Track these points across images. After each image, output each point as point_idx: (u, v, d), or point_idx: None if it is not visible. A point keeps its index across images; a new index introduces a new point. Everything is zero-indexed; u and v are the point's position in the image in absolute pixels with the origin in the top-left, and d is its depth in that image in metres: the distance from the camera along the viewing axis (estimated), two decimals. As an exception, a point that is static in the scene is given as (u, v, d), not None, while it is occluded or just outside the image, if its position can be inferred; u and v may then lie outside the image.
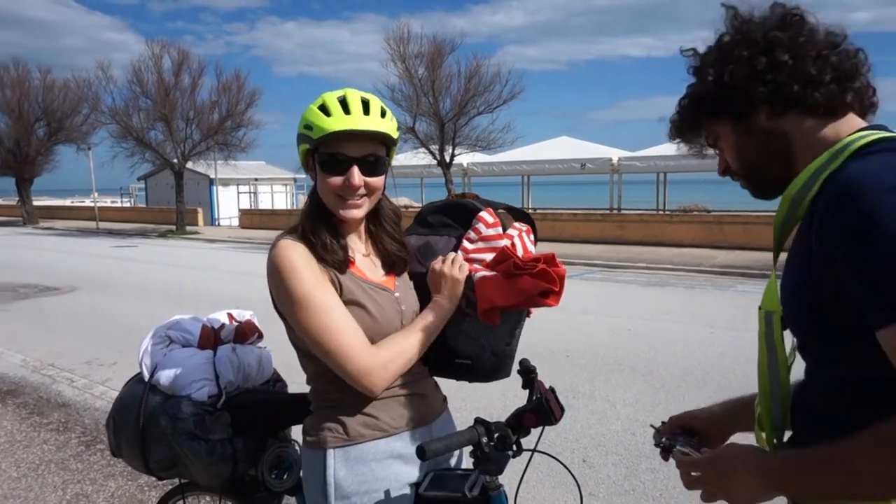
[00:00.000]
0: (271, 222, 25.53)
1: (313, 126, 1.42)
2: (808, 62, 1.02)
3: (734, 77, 1.05)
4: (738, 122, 1.09)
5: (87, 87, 27.40)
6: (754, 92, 1.04)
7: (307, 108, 1.48)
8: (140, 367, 1.88)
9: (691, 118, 1.16)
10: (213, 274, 13.15)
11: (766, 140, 1.08)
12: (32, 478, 3.84)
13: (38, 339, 7.39)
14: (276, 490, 1.89)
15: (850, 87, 1.04)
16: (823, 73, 1.02)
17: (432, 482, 1.57)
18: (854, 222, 0.89)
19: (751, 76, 1.04)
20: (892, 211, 0.86)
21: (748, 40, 1.05)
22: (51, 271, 13.40)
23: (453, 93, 21.25)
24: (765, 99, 1.05)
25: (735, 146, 1.13)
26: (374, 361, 1.44)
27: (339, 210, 1.48)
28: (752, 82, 1.04)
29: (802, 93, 1.02)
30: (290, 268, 1.43)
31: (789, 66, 1.02)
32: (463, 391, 2.55)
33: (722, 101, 1.08)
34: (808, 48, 1.03)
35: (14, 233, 26.54)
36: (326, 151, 1.44)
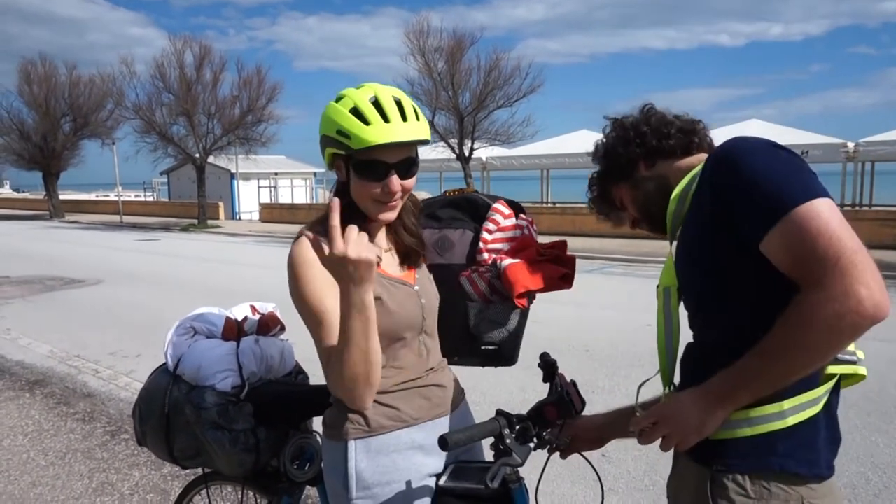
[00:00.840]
0: (291, 216, 25.71)
1: (351, 135, 1.37)
2: (660, 126, 1.44)
3: (616, 147, 1.48)
4: (628, 180, 1.48)
5: (112, 83, 27.74)
6: (631, 153, 1.45)
7: (333, 108, 1.42)
8: (165, 358, 1.91)
9: (601, 192, 1.57)
10: (235, 267, 13.28)
11: (650, 184, 1.44)
12: (59, 466, 3.92)
13: (65, 331, 7.53)
14: (297, 481, 1.91)
15: (692, 135, 1.44)
16: (670, 128, 1.43)
17: (453, 474, 1.57)
18: (735, 170, 1.15)
19: (626, 144, 1.46)
20: (761, 154, 1.15)
21: (623, 127, 1.49)
22: (76, 264, 13.63)
23: (473, 86, 21.20)
24: (639, 156, 1.45)
25: (632, 199, 1.49)
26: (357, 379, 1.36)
27: (377, 214, 1.48)
28: (627, 148, 1.46)
29: (661, 144, 1.43)
30: (303, 264, 1.42)
31: (648, 132, 1.44)
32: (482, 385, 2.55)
33: (613, 169, 1.50)
34: (658, 121, 1.46)
35: (41, 226, 27.03)
36: (364, 159, 1.41)
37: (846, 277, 1.00)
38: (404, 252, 1.60)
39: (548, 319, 6.76)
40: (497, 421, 1.37)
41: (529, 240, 1.65)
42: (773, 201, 1.08)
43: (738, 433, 1.19)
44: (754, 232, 1.10)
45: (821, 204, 1.05)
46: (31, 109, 30.98)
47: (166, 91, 25.01)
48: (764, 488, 1.18)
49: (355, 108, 1.38)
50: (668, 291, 1.34)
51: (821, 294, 1.02)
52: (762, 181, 1.10)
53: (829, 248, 1.02)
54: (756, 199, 1.10)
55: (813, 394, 1.17)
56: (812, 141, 17.97)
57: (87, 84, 30.67)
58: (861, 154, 17.57)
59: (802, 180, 1.09)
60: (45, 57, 31.68)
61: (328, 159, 1.50)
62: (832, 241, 1.02)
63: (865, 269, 1.01)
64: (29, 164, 31.69)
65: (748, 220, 1.11)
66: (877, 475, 3.52)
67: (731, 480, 1.20)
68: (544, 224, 17.50)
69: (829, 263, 1.01)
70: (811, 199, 1.06)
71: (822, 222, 1.04)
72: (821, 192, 1.07)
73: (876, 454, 3.76)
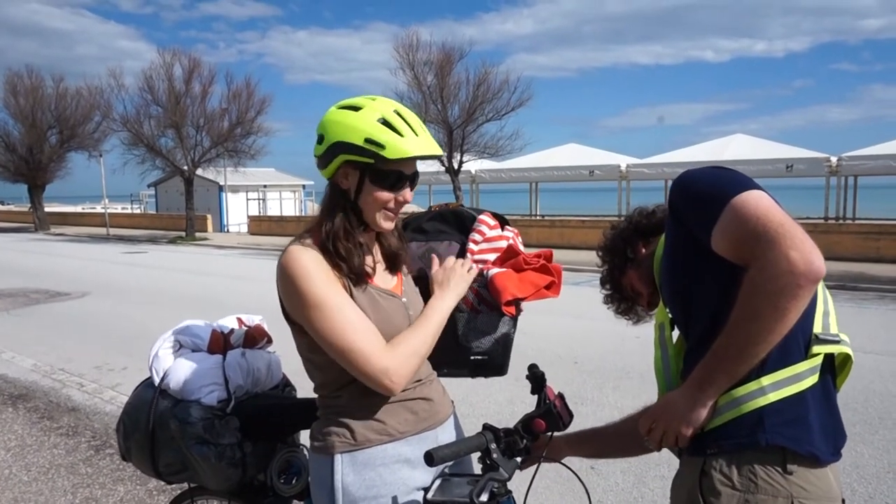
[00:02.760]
0: (280, 229, 25.63)
1: (386, 145, 1.41)
2: (644, 211, 1.68)
3: (616, 241, 1.69)
4: (633, 265, 1.65)
5: (100, 95, 27.67)
6: (629, 240, 1.66)
7: (357, 117, 1.45)
8: (150, 372, 1.89)
9: (614, 287, 1.72)
10: (222, 280, 13.20)
11: (651, 259, 1.55)
12: (43, 482, 3.86)
13: (49, 344, 7.44)
14: (284, 495, 1.89)
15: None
16: (653, 208, 1.67)
17: (440, 488, 1.56)
18: (684, 191, 1.30)
19: (621, 233, 1.69)
20: (704, 173, 1.29)
21: (616, 226, 1.73)
22: (62, 277, 13.50)
23: (462, 100, 21.32)
24: (637, 239, 1.65)
25: (640, 278, 1.64)
26: (393, 360, 1.44)
27: (381, 221, 1.52)
28: (622, 234, 1.68)
29: (647, 221, 1.65)
30: (304, 271, 1.43)
31: (638, 218, 1.67)
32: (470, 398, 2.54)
33: (619, 261, 1.68)
34: (642, 209, 1.69)
35: (26, 238, 26.76)
36: (385, 169, 1.45)
37: (776, 245, 1.09)
38: (390, 256, 1.61)
39: (537, 331, 6.77)
40: (484, 436, 1.37)
41: (515, 249, 1.67)
42: (712, 202, 1.20)
43: (726, 417, 1.24)
44: (705, 234, 1.21)
45: (750, 194, 1.16)
46: (16, 121, 30.76)
47: (154, 103, 24.94)
48: (751, 480, 1.20)
49: (384, 119, 1.43)
50: (662, 327, 1.48)
51: (758, 265, 1.12)
52: (704, 189, 1.25)
53: (758, 224, 1.12)
54: (700, 204, 1.24)
55: (792, 370, 1.22)
56: (796, 155, 18.21)
57: (75, 96, 30.52)
58: (844, 168, 17.81)
59: (736, 180, 1.21)
60: (31, 69, 31.48)
61: (336, 166, 1.48)
62: (760, 219, 1.12)
63: (793, 235, 1.09)
64: (14, 176, 31.40)
65: (698, 224, 1.24)
66: (862, 486, 3.54)
67: (718, 472, 1.24)
68: (533, 237, 17.54)
69: (760, 238, 1.11)
70: (741, 192, 1.17)
71: (751, 206, 1.14)
72: (752, 186, 1.19)
73: (861, 465, 3.78)
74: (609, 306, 1.76)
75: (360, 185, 1.48)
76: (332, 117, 1.48)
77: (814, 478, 1.22)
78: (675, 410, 1.29)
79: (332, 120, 1.47)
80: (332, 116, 1.48)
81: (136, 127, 24.70)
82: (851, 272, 11.57)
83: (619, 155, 22.85)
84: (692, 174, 1.31)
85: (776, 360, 1.21)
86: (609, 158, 22.36)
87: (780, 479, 1.20)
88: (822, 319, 1.27)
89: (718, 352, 1.21)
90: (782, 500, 1.19)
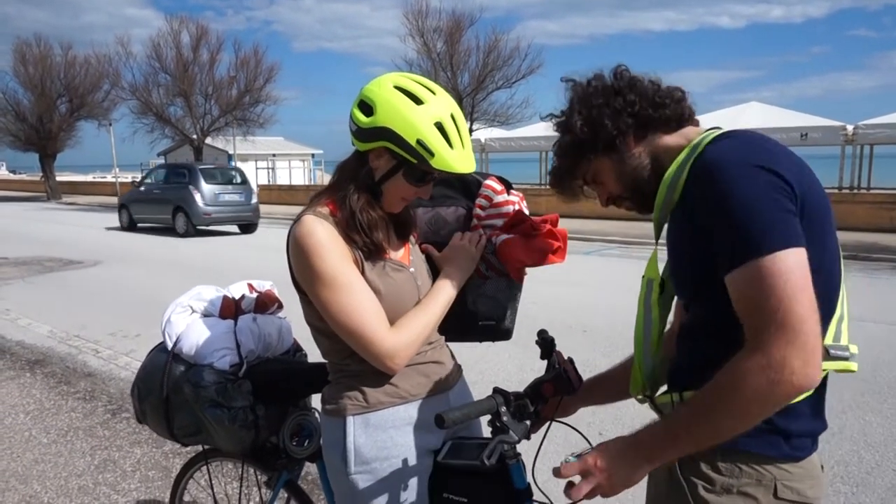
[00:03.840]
0: (289, 198, 25.63)
1: (436, 154, 1.39)
2: (651, 93, 1.28)
3: (602, 118, 1.27)
4: (612, 154, 1.31)
5: (108, 63, 27.67)
6: (621, 124, 1.27)
7: (416, 112, 1.39)
8: (163, 336, 1.91)
9: (572, 164, 1.37)
10: (233, 248, 13.27)
11: (639, 160, 1.30)
12: (62, 444, 3.95)
13: (64, 311, 7.54)
14: (296, 457, 1.93)
15: (684, 104, 1.31)
16: (665, 97, 1.28)
17: (451, 450, 1.59)
18: (714, 194, 1.10)
19: (615, 114, 1.27)
20: (740, 183, 1.08)
21: (601, 91, 1.30)
22: (74, 245, 13.61)
23: (472, 67, 21.16)
24: (629, 128, 1.28)
25: (616, 175, 1.33)
26: (396, 344, 1.46)
27: (399, 206, 1.54)
28: (617, 118, 1.27)
29: (656, 114, 1.27)
30: (317, 244, 1.42)
31: (639, 101, 1.27)
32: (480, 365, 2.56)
33: (597, 141, 1.29)
34: (649, 88, 1.30)
35: (38, 208, 26.93)
36: (422, 169, 1.44)
37: (786, 347, 0.99)
38: (399, 225, 1.60)
39: (546, 301, 6.78)
40: (494, 399, 1.38)
41: (521, 215, 1.66)
42: (742, 243, 1.05)
43: None
44: (723, 263, 1.09)
45: (786, 259, 1.02)
46: (26, 90, 30.78)
47: (163, 71, 24.90)
48: (735, 466, 1.18)
49: (440, 124, 1.41)
50: (651, 284, 1.32)
51: (757, 358, 1.02)
52: (737, 218, 1.06)
53: (780, 309, 1.01)
54: (729, 235, 1.08)
55: None
56: (811, 124, 17.93)
57: (83, 64, 30.45)
58: (860, 137, 17.54)
59: (776, 222, 1.05)
60: (40, 37, 31.32)
61: (375, 146, 1.44)
62: (783, 302, 1.01)
63: (807, 340, 1.00)
64: (25, 145, 31.53)
65: (720, 250, 1.10)
66: (869, 453, 3.56)
67: (700, 457, 1.19)
68: (542, 205, 17.42)
69: (773, 326, 1.01)
70: (779, 249, 1.03)
71: (781, 281, 1.01)
72: (792, 239, 1.04)
73: (869, 433, 3.80)
74: (553, 179, 1.44)
75: (392, 173, 1.47)
76: (389, 97, 1.41)
77: (795, 466, 1.19)
78: (614, 474, 1.17)
79: (388, 101, 1.40)
80: (389, 96, 1.41)
81: (145, 95, 24.68)
82: (864, 242, 11.48)
83: (630, 123, 22.56)
84: (727, 178, 1.09)
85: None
86: (621, 127, 22.08)
87: (763, 468, 1.17)
88: (836, 327, 1.17)
89: (677, 428, 1.14)
90: (766, 483, 1.17)
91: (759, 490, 1.17)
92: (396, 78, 1.46)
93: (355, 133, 1.46)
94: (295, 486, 2.00)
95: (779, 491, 1.17)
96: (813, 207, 1.11)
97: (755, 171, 1.08)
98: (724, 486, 1.18)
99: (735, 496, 1.17)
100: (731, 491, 1.17)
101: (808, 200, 1.10)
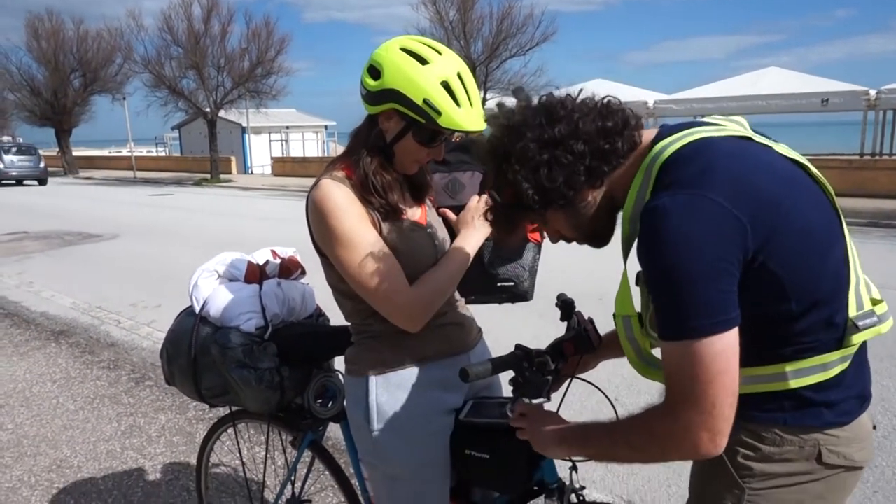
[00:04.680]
0: (303, 170, 25.65)
1: (443, 112, 1.39)
2: (597, 135, 1.14)
3: (553, 181, 1.14)
4: (566, 208, 1.19)
5: (120, 37, 27.59)
6: (574, 184, 1.15)
7: (421, 72, 1.39)
8: (191, 300, 1.96)
9: (519, 221, 1.29)
10: (248, 221, 13.35)
11: (594, 204, 1.21)
12: (88, 410, 4.06)
13: (85, 284, 7.66)
14: (321, 417, 1.97)
15: (630, 127, 1.18)
16: (612, 133, 1.15)
17: (472, 409, 1.62)
18: (654, 260, 1.05)
19: (566, 175, 1.14)
20: (682, 255, 1.01)
21: (544, 143, 1.13)
22: (93, 219, 13.77)
23: (485, 35, 20.87)
24: (582, 184, 1.16)
25: (570, 224, 1.25)
26: (415, 301, 1.49)
27: (412, 167, 1.55)
28: (569, 178, 1.14)
29: (607, 163, 1.15)
30: (335, 207, 1.45)
31: (588, 148, 1.13)
32: (496, 332, 2.59)
33: (548, 204, 1.17)
34: (587, 124, 1.14)
35: (56, 182, 27.19)
36: (430, 129, 1.45)
37: (695, 420, 1.04)
38: (415, 187, 1.62)
39: (561, 270, 6.77)
40: (516, 355, 1.41)
41: None
42: (674, 322, 1.05)
43: (746, 389, 1.13)
44: (658, 327, 1.09)
45: (712, 345, 1.02)
46: (40, 65, 30.86)
47: (174, 44, 24.77)
48: (776, 434, 1.15)
49: (447, 83, 1.41)
50: (628, 321, 1.22)
51: (669, 422, 1.07)
52: (673, 295, 1.04)
53: (695, 391, 1.04)
54: (663, 306, 1.06)
55: (821, 359, 1.11)
56: (832, 89, 17.55)
57: (95, 38, 30.42)
58: (883, 102, 17.14)
59: (710, 304, 1.02)
60: (51, 11, 31.32)
61: (384, 108, 1.45)
62: (699, 386, 1.04)
63: (716, 420, 1.04)
64: (41, 120, 31.69)
65: (657, 313, 1.09)
66: (887, 418, 3.57)
67: (741, 426, 1.15)
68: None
69: (688, 403, 1.05)
70: (707, 336, 1.02)
71: (703, 366, 1.03)
72: (719, 326, 1.02)
73: (887, 398, 3.81)
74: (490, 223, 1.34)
75: (402, 134, 1.48)
76: (395, 59, 1.42)
77: (840, 430, 1.16)
78: (539, 435, 1.33)
79: (394, 62, 1.41)
80: (395, 58, 1.42)
81: (158, 68, 24.63)
82: (885, 209, 11.32)
83: (646, 91, 22.23)
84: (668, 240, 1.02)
85: (803, 349, 1.11)
86: (636, 94, 21.74)
87: (807, 434, 1.15)
88: (856, 298, 1.13)
89: (593, 439, 1.23)
90: (809, 450, 1.14)
91: (801, 456, 1.15)
92: (403, 40, 1.47)
93: (365, 97, 1.48)
94: (319, 446, 2.05)
95: (823, 456, 1.14)
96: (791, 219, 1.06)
97: (701, 234, 1.02)
98: (766, 455, 1.16)
99: (776, 463, 1.16)
100: (773, 458, 1.16)
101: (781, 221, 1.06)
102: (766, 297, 1.08)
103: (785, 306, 1.08)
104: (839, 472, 1.16)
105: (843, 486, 1.19)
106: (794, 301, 1.08)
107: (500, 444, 1.51)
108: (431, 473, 1.61)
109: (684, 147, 1.11)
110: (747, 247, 1.03)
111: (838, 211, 1.17)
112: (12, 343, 5.49)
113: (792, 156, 1.18)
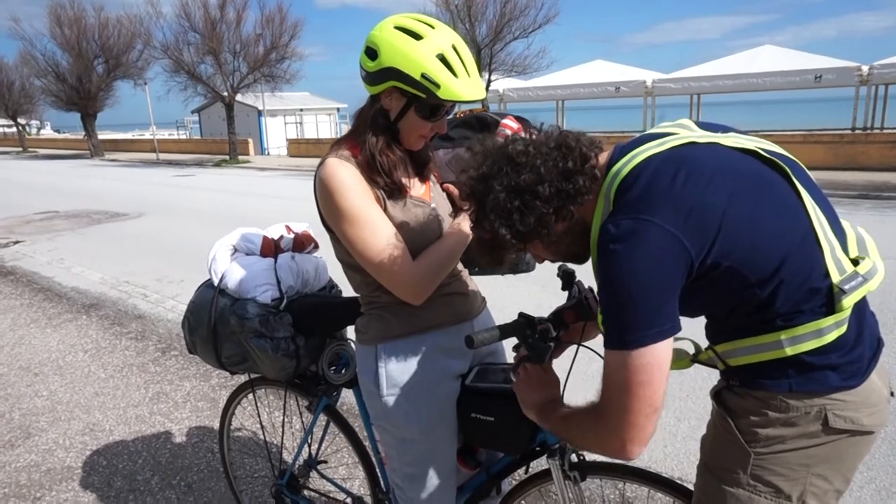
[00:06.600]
0: (318, 151, 25.55)
1: (441, 84, 1.37)
2: (560, 176, 1.15)
3: (526, 224, 1.16)
4: (542, 238, 1.21)
5: (139, 24, 27.35)
6: (546, 224, 1.17)
7: (416, 48, 1.36)
8: (210, 274, 1.96)
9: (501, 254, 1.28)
10: (266, 199, 13.35)
11: (569, 234, 1.22)
12: (118, 378, 4.11)
13: (113, 260, 7.71)
14: (334, 383, 1.98)
15: (591, 163, 1.18)
16: (573, 173, 1.16)
17: (477, 374, 1.62)
18: (600, 283, 1.09)
19: (537, 218, 1.16)
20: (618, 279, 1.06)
21: (512, 190, 1.16)
22: (119, 199, 13.80)
23: (489, 18, 20.53)
24: (554, 222, 1.18)
25: (549, 250, 1.30)
26: (417, 275, 1.48)
27: (416, 144, 1.52)
28: (540, 220, 1.16)
29: (575, 197, 1.17)
30: (340, 184, 1.43)
31: (554, 192, 1.15)
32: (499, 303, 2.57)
33: (526, 239, 1.20)
34: (549, 168, 1.15)
35: (83, 164, 27.23)
36: (434, 103, 1.42)
37: (617, 424, 1.11)
38: (419, 165, 1.60)
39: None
40: (519, 322, 1.40)
41: None
42: (613, 332, 1.09)
43: (749, 359, 1.15)
44: (605, 342, 1.13)
45: (643, 356, 1.06)
46: (64, 51, 30.66)
47: (192, 30, 24.53)
48: (781, 400, 1.13)
49: (443, 56, 1.38)
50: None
51: (598, 421, 1.16)
52: (614, 307, 1.08)
53: (621, 398, 1.10)
54: (606, 316, 1.10)
55: (815, 325, 1.09)
56: (826, 65, 17.23)
57: (116, 25, 30.16)
58: (875, 77, 16.83)
59: (650, 315, 1.05)
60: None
61: (384, 87, 1.43)
62: (625, 393, 1.09)
63: (630, 429, 1.10)
64: (67, 105, 31.61)
65: (603, 321, 1.12)
66: (874, 381, 3.56)
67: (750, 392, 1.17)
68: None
69: (613, 407, 1.12)
70: (640, 346, 1.06)
71: (631, 376, 1.08)
72: (650, 337, 1.06)
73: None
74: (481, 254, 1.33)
75: (404, 111, 1.45)
76: (390, 38, 1.39)
77: (846, 393, 1.12)
78: (528, 400, 1.40)
79: (388, 41, 1.39)
80: (390, 37, 1.39)
81: (177, 54, 24.43)
82: (875, 181, 11.17)
83: (645, 70, 21.91)
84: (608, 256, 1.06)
85: (791, 317, 1.09)
86: (635, 74, 21.46)
87: (811, 399, 1.12)
88: (835, 264, 1.10)
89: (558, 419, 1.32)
90: (815, 414, 1.12)
91: (807, 421, 1.13)
92: (396, 18, 1.44)
93: (365, 78, 1.46)
94: (333, 410, 2.07)
95: (830, 420, 1.12)
96: (735, 217, 1.06)
97: (640, 258, 1.04)
98: (771, 420, 1.15)
99: (782, 427, 1.14)
100: (778, 423, 1.14)
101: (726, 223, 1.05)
102: (732, 288, 1.10)
103: (749, 292, 1.09)
104: (846, 437, 1.14)
105: (851, 450, 1.16)
106: (758, 287, 1.08)
107: (504, 409, 1.51)
108: (439, 435, 1.61)
109: (632, 171, 1.13)
110: (690, 260, 1.05)
111: (795, 186, 1.14)
112: (45, 316, 5.54)
113: (740, 145, 1.16)
